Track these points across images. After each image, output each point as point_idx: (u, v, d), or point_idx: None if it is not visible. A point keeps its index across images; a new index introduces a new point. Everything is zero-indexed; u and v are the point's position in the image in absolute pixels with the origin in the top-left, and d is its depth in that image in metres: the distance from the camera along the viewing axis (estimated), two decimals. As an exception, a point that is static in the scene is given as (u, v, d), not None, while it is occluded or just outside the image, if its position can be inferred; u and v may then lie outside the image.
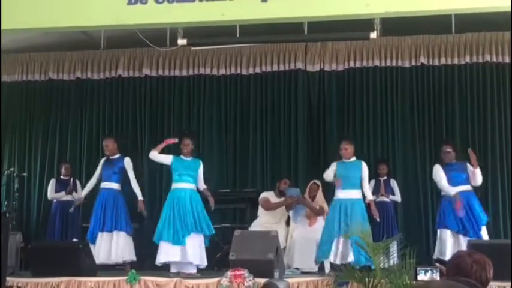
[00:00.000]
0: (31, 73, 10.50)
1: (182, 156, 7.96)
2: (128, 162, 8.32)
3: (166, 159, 8.00)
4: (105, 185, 8.26)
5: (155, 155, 8.00)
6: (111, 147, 8.39)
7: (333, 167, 7.82)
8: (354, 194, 7.62)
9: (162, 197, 9.43)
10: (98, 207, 8.15)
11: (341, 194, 7.65)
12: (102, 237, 8.04)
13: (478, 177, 7.86)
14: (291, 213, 8.61)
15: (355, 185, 7.65)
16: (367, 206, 7.70)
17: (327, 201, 8.45)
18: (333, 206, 7.70)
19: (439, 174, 7.91)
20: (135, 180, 8.29)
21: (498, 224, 9.06)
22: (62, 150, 10.28)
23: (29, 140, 10.46)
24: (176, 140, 8.11)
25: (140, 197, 8.27)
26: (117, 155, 8.37)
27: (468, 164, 7.93)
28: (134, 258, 8.15)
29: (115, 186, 8.26)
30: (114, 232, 8.07)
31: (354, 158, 7.84)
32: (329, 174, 7.82)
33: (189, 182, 7.84)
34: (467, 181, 7.86)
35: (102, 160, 8.47)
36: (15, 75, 10.43)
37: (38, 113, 10.54)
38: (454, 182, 7.84)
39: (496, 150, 9.30)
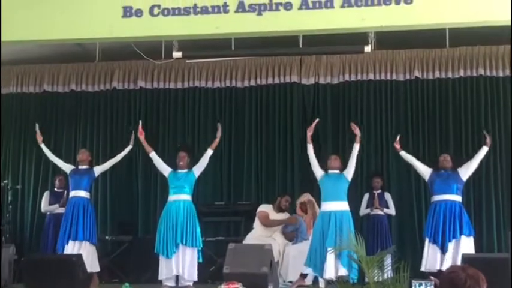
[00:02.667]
0: (26, 85, 10.50)
1: (178, 170, 7.96)
2: (97, 168, 8.48)
3: (165, 170, 8.04)
4: (74, 193, 8.27)
5: (157, 158, 8.13)
6: (86, 157, 8.47)
7: (320, 175, 7.85)
8: (341, 205, 7.61)
9: (156, 210, 9.44)
10: (68, 216, 8.14)
11: (328, 206, 7.64)
12: (74, 246, 8.00)
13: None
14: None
15: (341, 197, 7.64)
16: None
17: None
18: (321, 217, 7.69)
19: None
20: (113, 158, 8.54)
21: (492, 238, 9.07)
22: (56, 163, 10.24)
23: (23, 152, 10.42)
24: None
25: (130, 146, 8.55)
26: (86, 166, 8.41)
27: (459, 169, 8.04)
28: (98, 269, 8.14)
29: (84, 194, 8.26)
30: (83, 242, 8.06)
31: (338, 171, 7.84)
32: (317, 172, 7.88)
33: (184, 194, 7.83)
34: (457, 191, 7.90)
35: (70, 169, 8.47)
36: (10, 87, 10.43)
37: (32, 125, 10.50)
38: (442, 190, 7.90)
39: (490, 164, 9.32)
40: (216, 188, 9.93)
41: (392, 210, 9.09)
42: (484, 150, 8.13)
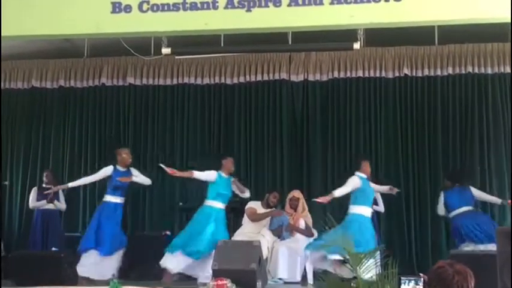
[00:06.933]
0: (14, 81, 10.44)
1: (224, 174, 8.10)
2: (135, 171, 8.41)
3: (211, 175, 8.13)
4: (108, 198, 8.26)
5: (199, 174, 8.17)
6: (128, 157, 8.36)
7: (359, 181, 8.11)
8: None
9: (145, 207, 9.43)
10: (97, 220, 8.13)
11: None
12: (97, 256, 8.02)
13: None
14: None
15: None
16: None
17: (310, 212, 8.50)
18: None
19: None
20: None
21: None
22: (45, 159, 10.21)
23: (11, 148, 10.37)
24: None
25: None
26: (126, 168, 8.34)
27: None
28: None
29: (119, 200, 8.26)
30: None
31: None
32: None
33: (223, 202, 8.11)
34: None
35: (110, 170, 8.33)
36: (-3, 83, 10.37)
37: (20, 121, 10.47)
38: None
39: (476, 161, 9.36)
40: (205, 185, 9.88)
41: (381, 208, 9.10)
42: (495, 200, 8.74)
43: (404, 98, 9.74)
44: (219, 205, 8.10)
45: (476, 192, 8.65)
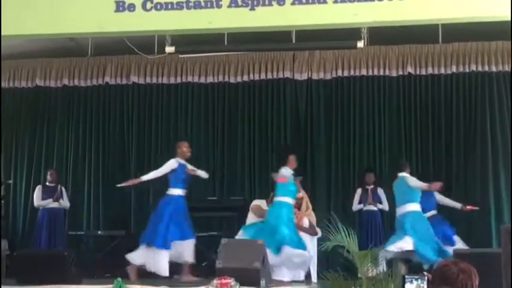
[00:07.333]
0: (18, 80, 10.47)
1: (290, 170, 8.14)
2: (189, 165, 8.31)
3: (287, 170, 8.17)
4: (173, 191, 8.15)
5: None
6: (187, 151, 8.27)
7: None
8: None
9: (149, 204, 9.45)
10: (167, 214, 8.02)
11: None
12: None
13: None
14: None
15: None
16: None
17: (314, 210, 8.50)
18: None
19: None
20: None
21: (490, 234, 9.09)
22: (49, 157, 10.23)
23: (15, 147, 10.40)
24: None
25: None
26: (185, 162, 8.26)
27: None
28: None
29: (182, 193, 8.19)
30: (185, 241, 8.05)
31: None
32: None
33: (292, 198, 8.10)
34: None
35: (176, 163, 8.16)
36: (2, 81, 10.36)
37: (25, 120, 10.49)
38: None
39: (478, 160, 9.35)
40: (208, 183, 9.91)
41: (385, 206, 9.10)
42: (455, 205, 8.77)
43: (408, 96, 9.74)
44: (288, 200, 8.07)
45: (438, 196, 8.70)
